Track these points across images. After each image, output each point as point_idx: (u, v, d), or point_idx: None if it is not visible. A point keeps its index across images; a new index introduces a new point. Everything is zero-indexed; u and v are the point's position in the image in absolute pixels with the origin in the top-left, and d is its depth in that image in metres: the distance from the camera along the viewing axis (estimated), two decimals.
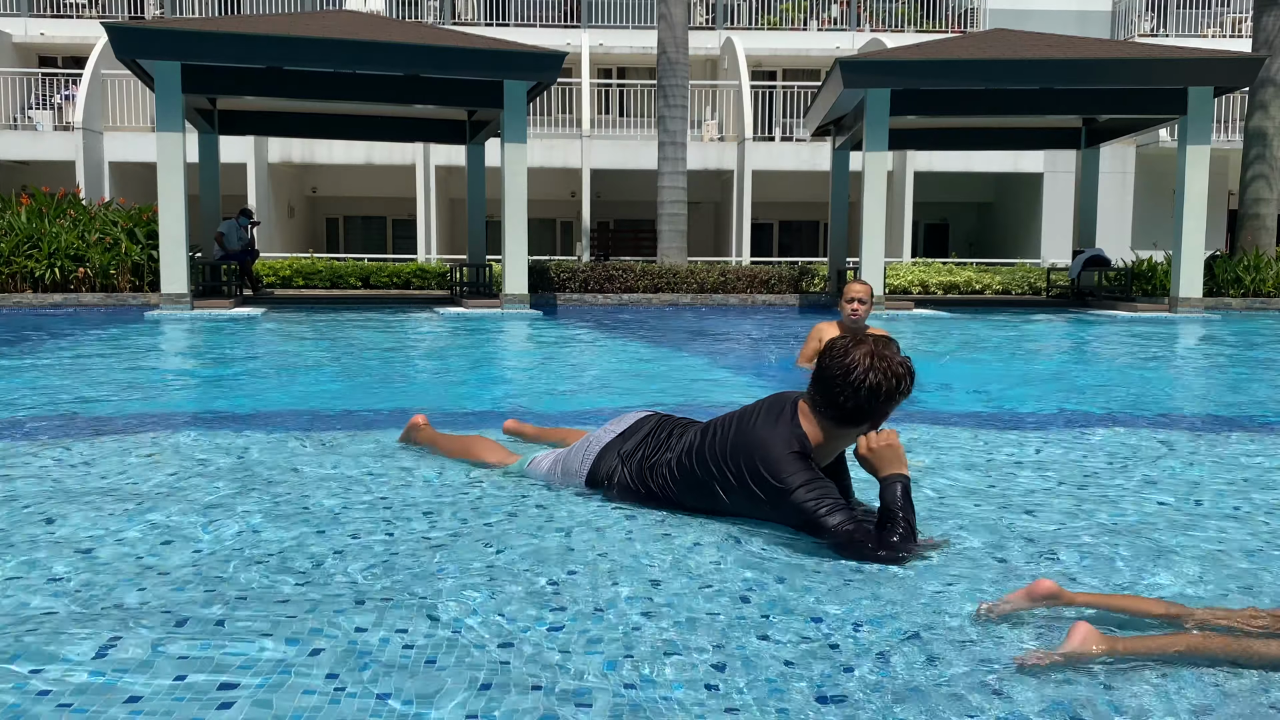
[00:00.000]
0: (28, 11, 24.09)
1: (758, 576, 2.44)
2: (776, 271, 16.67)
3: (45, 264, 13.65)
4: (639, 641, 2.04)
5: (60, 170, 21.44)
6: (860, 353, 2.76)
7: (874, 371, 2.73)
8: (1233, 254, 16.87)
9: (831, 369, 2.78)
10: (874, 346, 2.78)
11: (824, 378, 2.80)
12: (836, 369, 2.77)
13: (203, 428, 4.58)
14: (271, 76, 13.12)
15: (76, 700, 1.75)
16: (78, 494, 3.22)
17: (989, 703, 1.81)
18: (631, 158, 22.84)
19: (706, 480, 2.89)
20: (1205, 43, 23.90)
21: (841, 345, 2.82)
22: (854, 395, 2.74)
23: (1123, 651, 1.94)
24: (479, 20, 24.93)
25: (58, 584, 2.36)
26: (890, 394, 2.75)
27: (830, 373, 2.78)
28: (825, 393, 2.79)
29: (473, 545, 2.68)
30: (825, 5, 25.98)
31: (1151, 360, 8.66)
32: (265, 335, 10.05)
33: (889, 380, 2.74)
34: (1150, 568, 2.57)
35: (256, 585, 2.36)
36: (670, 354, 8.48)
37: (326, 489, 3.31)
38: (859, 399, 2.74)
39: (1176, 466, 3.84)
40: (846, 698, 1.82)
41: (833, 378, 2.77)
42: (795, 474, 2.72)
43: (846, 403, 2.76)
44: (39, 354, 7.84)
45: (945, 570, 2.52)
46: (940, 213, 27.24)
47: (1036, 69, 13.47)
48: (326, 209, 27.39)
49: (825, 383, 2.79)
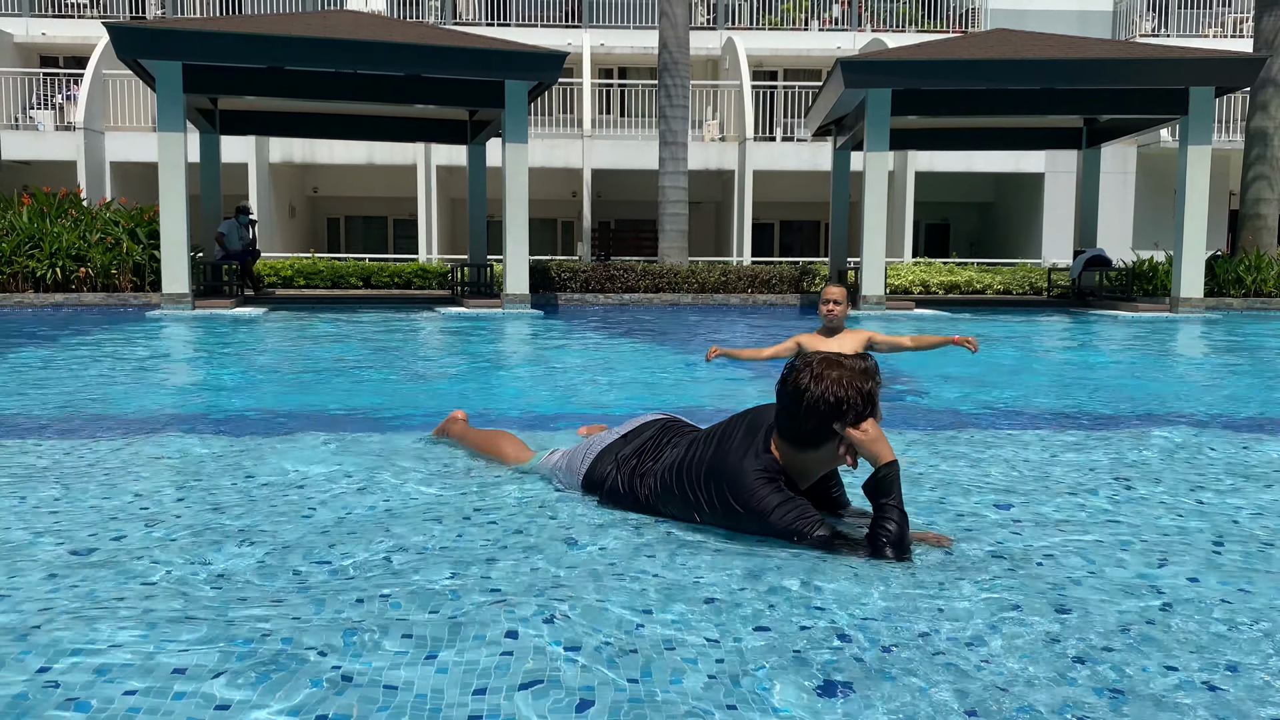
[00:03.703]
0: (29, 11, 24.09)
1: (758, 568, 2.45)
2: (777, 271, 16.66)
3: (47, 264, 13.65)
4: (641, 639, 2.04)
5: (62, 170, 21.45)
6: (809, 372, 2.68)
7: (815, 390, 2.64)
8: (1234, 254, 16.86)
9: (785, 388, 2.72)
10: (827, 365, 2.68)
11: (779, 398, 2.74)
12: (789, 388, 2.70)
13: (205, 428, 4.58)
14: (273, 76, 13.13)
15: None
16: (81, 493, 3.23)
17: (992, 701, 1.81)
18: (632, 158, 22.84)
19: (684, 501, 2.88)
20: (1206, 43, 23.88)
21: (799, 363, 2.74)
22: (801, 414, 2.66)
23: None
24: (480, 20, 24.92)
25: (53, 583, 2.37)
26: (833, 414, 2.64)
27: (784, 392, 2.72)
28: (779, 414, 2.74)
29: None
30: (826, 5, 25.97)
31: (1157, 360, 8.66)
32: (266, 335, 10.05)
33: (829, 400, 2.64)
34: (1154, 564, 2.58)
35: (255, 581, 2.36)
36: (670, 354, 8.48)
37: (324, 490, 3.31)
38: (805, 418, 2.66)
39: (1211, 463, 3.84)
40: (842, 688, 1.82)
41: (783, 398, 2.71)
42: (765, 499, 2.67)
43: (795, 424, 2.69)
44: (40, 354, 7.85)
45: (944, 566, 2.52)
46: (941, 213, 27.23)
47: (1037, 69, 13.46)
48: (327, 209, 27.39)
49: (780, 403, 2.74)
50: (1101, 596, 2.35)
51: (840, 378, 2.66)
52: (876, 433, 2.68)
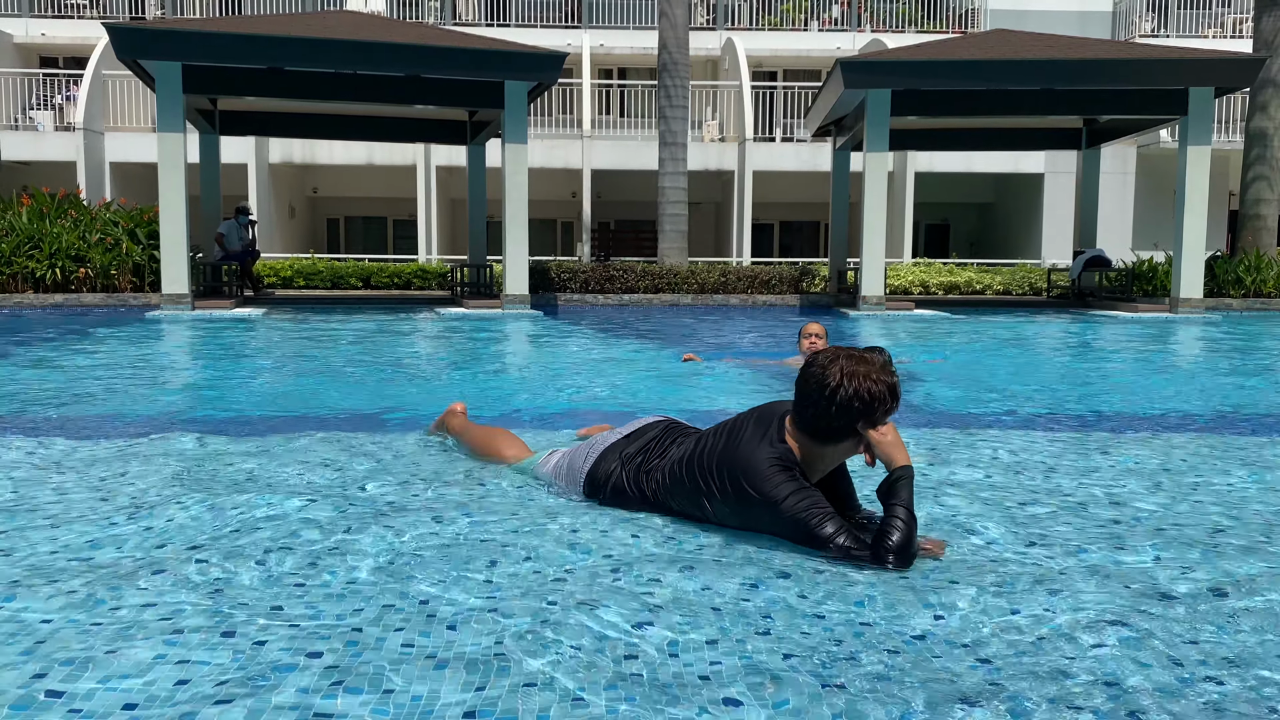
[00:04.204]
0: (29, 12, 24.10)
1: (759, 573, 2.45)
2: (777, 272, 16.67)
3: (46, 264, 13.65)
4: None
5: (61, 170, 21.46)
6: (837, 368, 2.67)
7: (848, 388, 2.64)
8: (1233, 254, 16.87)
9: (809, 384, 2.71)
10: (854, 362, 2.68)
11: (802, 393, 2.73)
12: (814, 384, 2.70)
13: (205, 428, 4.58)
14: (272, 77, 13.13)
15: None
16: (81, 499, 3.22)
17: (990, 701, 1.81)
18: (632, 158, 22.85)
19: (695, 491, 2.87)
20: (1206, 43, 23.89)
21: (822, 359, 2.73)
22: (831, 412, 2.66)
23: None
24: (479, 21, 24.94)
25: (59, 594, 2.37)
26: (866, 411, 2.65)
27: (808, 388, 2.71)
28: (803, 409, 2.73)
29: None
30: (826, 6, 25.98)
31: (1157, 359, 8.66)
32: (266, 335, 10.05)
33: (864, 397, 2.64)
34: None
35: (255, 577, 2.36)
36: (669, 355, 8.48)
37: (318, 491, 3.31)
38: (836, 416, 2.66)
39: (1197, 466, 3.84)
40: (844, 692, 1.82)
41: (809, 394, 2.71)
42: (779, 486, 2.67)
43: (821, 420, 2.69)
44: (40, 354, 7.85)
45: (944, 571, 2.52)
46: (941, 213, 27.25)
47: (1037, 69, 13.47)
48: (327, 209, 27.40)
49: (803, 399, 2.73)
50: (1102, 596, 2.34)
51: (869, 373, 2.67)
52: (895, 436, 2.69)
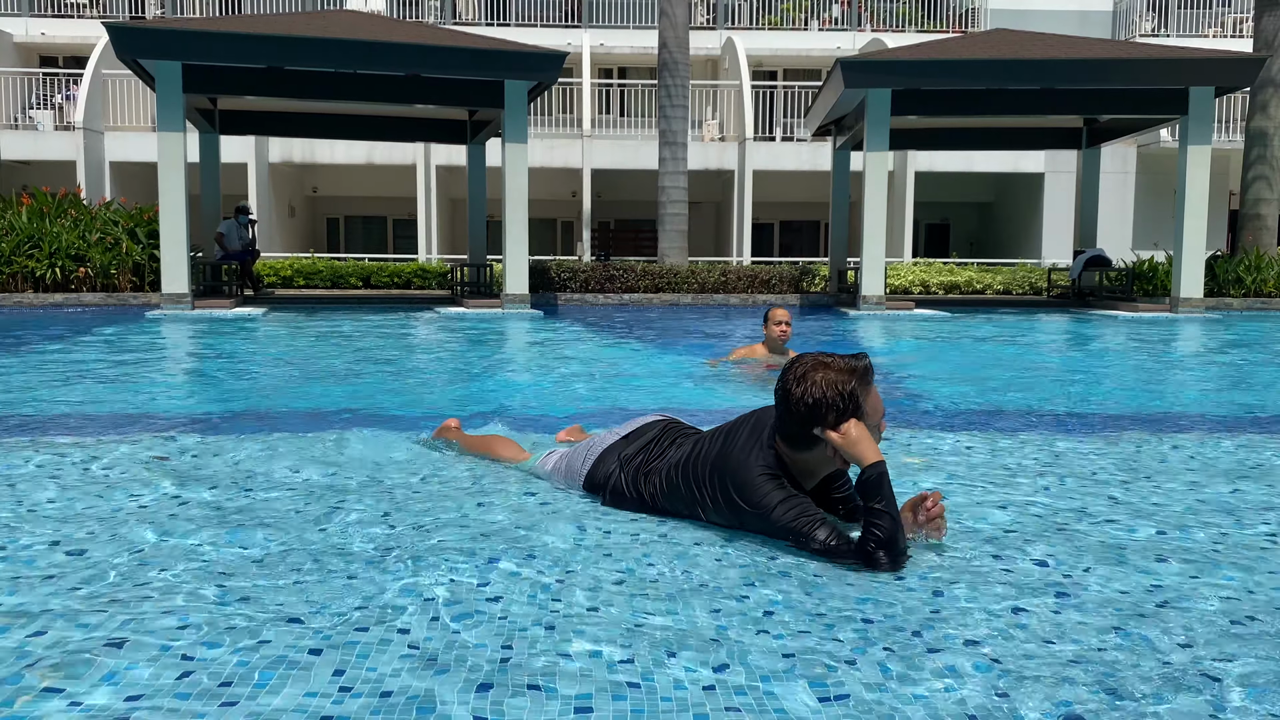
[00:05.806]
0: (29, 11, 24.10)
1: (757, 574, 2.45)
2: (777, 271, 16.68)
3: (46, 264, 13.65)
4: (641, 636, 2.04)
5: (61, 170, 21.46)
6: (792, 375, 2.71)
7: (796, 393, 2.67)
8: (1234, 254, 16.87)
9: (776, 392, 2.75)
10: (812, 367, 2.69)
11: (776, 401, 2.77)
12: (778, 391, 2.74)
13: (205, 428, 4.58)
14: (272, 76, 13.12)
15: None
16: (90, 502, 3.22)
17: (992, 702, 1.81)
18: (632, 158, 22.84)
19: (690, 497, 2.89)
20: (1206, 43, 23.89)
21: (794, 367, 2.75)
22: (789, 418, 2.70)
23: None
24: (479, 20, 24.93)
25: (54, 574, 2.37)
26: (814, 415, 2.65)
27: (776, 396, 2.76)
28: (776, 416, 2.77)
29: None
30: (826, 5, 25.98)
31: (1156, 360, 8.66)
32: (265, 335, 10.05)
33: (808, 401, 2.65)
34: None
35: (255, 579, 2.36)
36: (669, 355, 8.48)
37: (316, 493, 3.31)
38: (792, 422, 2.69)
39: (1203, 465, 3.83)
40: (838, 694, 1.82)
41: (777, 401, 2.75)
42: (767, 495, 2.68)
43: (786, 426, 2.72)
44: (39, 353, 7.85)
45: (938, 570, 2.52)
46: (941, 213, 27.25)
47: (1037, 69, 13.47)
48: (327, 209, 27.40)
49: (775, 405, 2.78)
50: (1101, 597, 2.34)
51: (823, 379, 2.66)
52: (858, 434, 2.64)
